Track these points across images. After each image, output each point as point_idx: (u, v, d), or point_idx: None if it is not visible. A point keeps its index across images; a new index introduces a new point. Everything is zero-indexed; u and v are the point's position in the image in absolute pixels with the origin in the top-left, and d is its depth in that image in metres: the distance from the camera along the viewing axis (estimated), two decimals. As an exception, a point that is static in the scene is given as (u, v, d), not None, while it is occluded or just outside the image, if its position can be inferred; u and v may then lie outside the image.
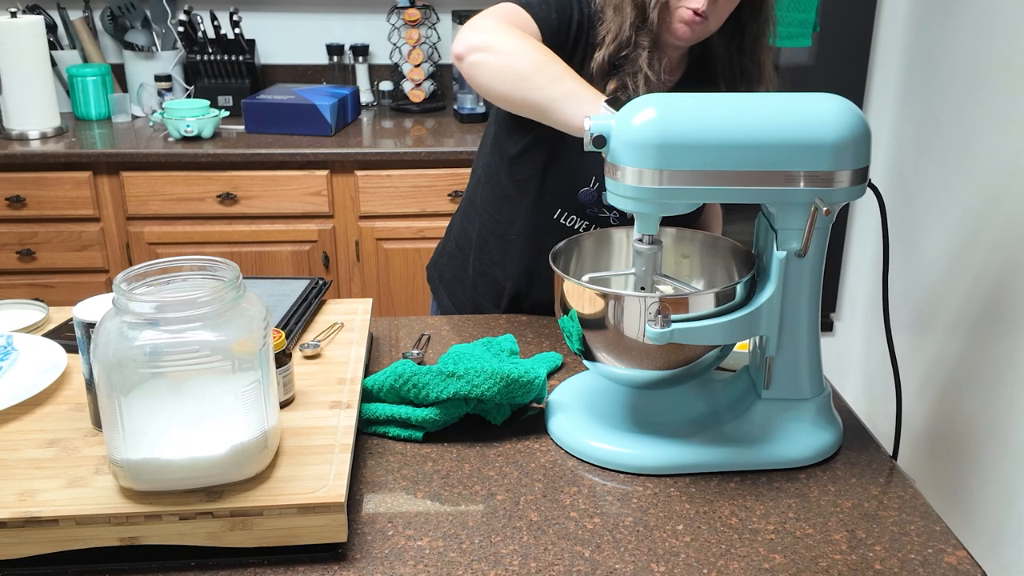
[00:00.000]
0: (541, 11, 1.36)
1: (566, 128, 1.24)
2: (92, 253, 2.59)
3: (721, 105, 1.05)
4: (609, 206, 1.45)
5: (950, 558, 0.98)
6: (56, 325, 1.36)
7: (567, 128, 1.24)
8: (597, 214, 1.47)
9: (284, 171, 2.55)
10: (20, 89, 2.61)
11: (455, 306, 1.66)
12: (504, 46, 1.28)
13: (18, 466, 1.00)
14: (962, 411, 2.37)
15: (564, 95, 1.23)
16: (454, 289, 1.66)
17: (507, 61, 1.27)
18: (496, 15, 1.34)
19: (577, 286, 1.11)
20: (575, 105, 1.22)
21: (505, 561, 0.96)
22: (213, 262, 0.98)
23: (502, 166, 1.52)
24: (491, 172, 1.56)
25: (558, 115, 1.24)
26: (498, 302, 1.61)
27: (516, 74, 1.26)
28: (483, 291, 1.62)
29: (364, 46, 2.98)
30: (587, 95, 1.22)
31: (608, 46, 1.37)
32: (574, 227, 1.50)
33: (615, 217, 1.48)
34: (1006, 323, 2.17)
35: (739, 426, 1.15)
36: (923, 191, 2.63)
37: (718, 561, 0.97)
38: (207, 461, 0.94)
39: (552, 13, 1.37)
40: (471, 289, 1.63)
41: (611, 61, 1.38)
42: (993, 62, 2.28)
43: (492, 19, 1.32)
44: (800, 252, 1.08)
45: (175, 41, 2.92)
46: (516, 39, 1.27)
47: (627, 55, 1.37)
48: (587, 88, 1.23)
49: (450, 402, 1.17)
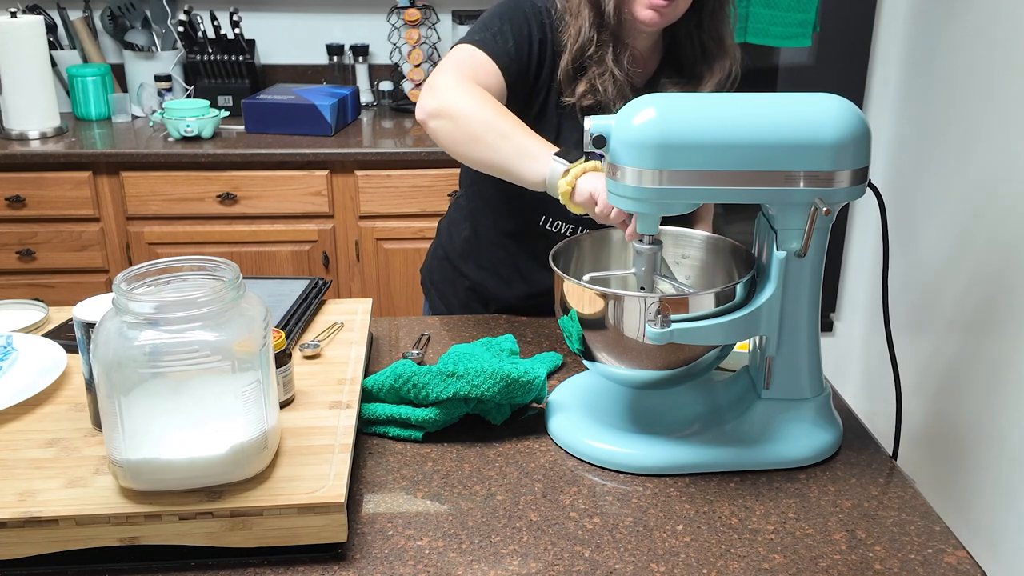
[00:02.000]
0: (497, 44, 1.36)
1: (523, 183, 1.26)
2: (92, 253, 2.59)
3: (721, 105, 1.05)
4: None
5: (950, 558, 0.98)
6: (56, 325, 1.36)
7: (524, 184, 1.26)
8: (582, 217, 1.48)
9: (284, 171, 2.55)
10: (20, 89, 2.61)
11: (447, 309, 1.67)
12: (456, 109, 1.29)
13: (18, 466, 1.00)
14: (962, 411, 2.37)
15: (515, 152, 1.26)
16: (445, 292, 1.68)
17: (460, 125, 1.29)
18: (453, 67, 1.34)
19: (577, 286, 1.11)
20: (527, 161, 1.25)
21: (505, 561, 0.96)
22: (213, 262, 0.98)
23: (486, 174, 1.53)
24: (475, 179, 1.57)
25: (513, 173, 1.27)
26: (487, 305, 1.63)
27: (469, 137, 1.29)
28: (472, 295, 1.64)
29: (364, 46, 2.98)
30: (536, 149, 1.24)
31: (571, 50, 1.39)
32: (560, 232, 1.51)
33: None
34: (1006, 323, 2.17)
35: (739, 426, 1.15)
36: (923, 191, 2.63)
37: (718, 561, 0.97)
38: (207, 461, 0.94)
39: (508, 40, 1.38)
40: (462, 293, 1.64)
41: (575, 64, 1.40)
42: (993, 62, 2.28)
43: (449, 75, 1.33)
44: (800, 252, 1.08)
45: (175, 41, 2.92)
46: (468, 98, 1.29)
47: (591, 55, 1.39)
48: (536, 142, 1.25)
49: (450, 402, 1.17)
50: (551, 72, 1.42)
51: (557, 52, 1.41)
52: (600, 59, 1.39)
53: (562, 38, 1.41)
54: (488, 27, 1.39)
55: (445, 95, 1.30)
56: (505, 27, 1.38)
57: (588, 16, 1.38)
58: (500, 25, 1.39)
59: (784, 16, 2.63)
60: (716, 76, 1.43)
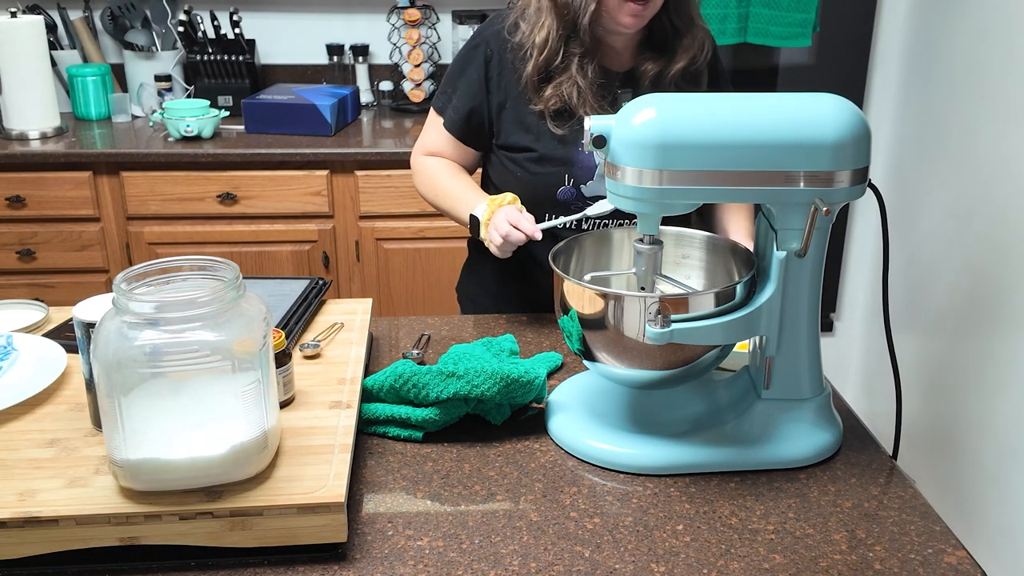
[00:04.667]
0: (441, 100, 1.58)
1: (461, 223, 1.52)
2: (92, 253, 2.59)
3: (721, 105, 1.05)
4: (593, 196, 1.52)
5: (950, 558, 0.98)
6: (56, 325, 1.36)
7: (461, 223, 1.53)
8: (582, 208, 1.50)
9: (284, 171, 2.55)
10: (20, 89, 2.61)
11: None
12: (415, 178, 1.65)
13: (18, 466, 1.00)
14: (962, 411, 2.37)
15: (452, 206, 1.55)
16: (478, 302, 1.72)
17: (421, 190, 1.64)
18: (419, 140, 1.64)
19: (577, 286, 1.11)
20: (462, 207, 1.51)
21: (505, 561, 0.96)
22: (213, 262, 0.98)
23: (488, 182, 1.66)
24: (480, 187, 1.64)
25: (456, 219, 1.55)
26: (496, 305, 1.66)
27: (424, 196, 1.64)
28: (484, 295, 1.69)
29: (364, 46, 2.97)
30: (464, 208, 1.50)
31: (535, 60, 1.46)
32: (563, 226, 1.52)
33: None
34: (1006, 322, 2.17)
35: (739, 426, 1.15)
36: (923, 191, 2.63)
37: (718, 561, 0.97)
38: (207, 461, 0.94)
39: (460, 108, 1.55)
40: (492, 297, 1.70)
41: (540, 73, 1.47)
42: (993, 62, 2.28)
43: (416, 146, 1.64)
44: (800, 252, 1.08)
45: (175, 41, 2.92)
46: (417, 169, 1.64)
47: (557, 66, 1.46)
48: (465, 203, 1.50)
49: (450, 402, 1.17)
50: (508, 84, 1.51)
51: (518, 62, 1.49)
52: (565, 68, 1.46)
53: (518, 44, 1.48)
54: (446, 88, 1.58)
55: (412, 163, 1.66)
56: (460, 87, 1.54)
57: (555, 28, 1.44)
58: (455, 85, 1.55)
59: (784, 16, 2.63)
60: (690, 50, 1.50)
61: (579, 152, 1.49)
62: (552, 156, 1.50)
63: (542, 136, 1.50)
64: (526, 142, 1.52)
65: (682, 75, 1.50)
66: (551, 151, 1.50)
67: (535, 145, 1.51)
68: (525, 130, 1.52)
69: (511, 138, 1.54)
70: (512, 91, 1.51)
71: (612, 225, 1.49)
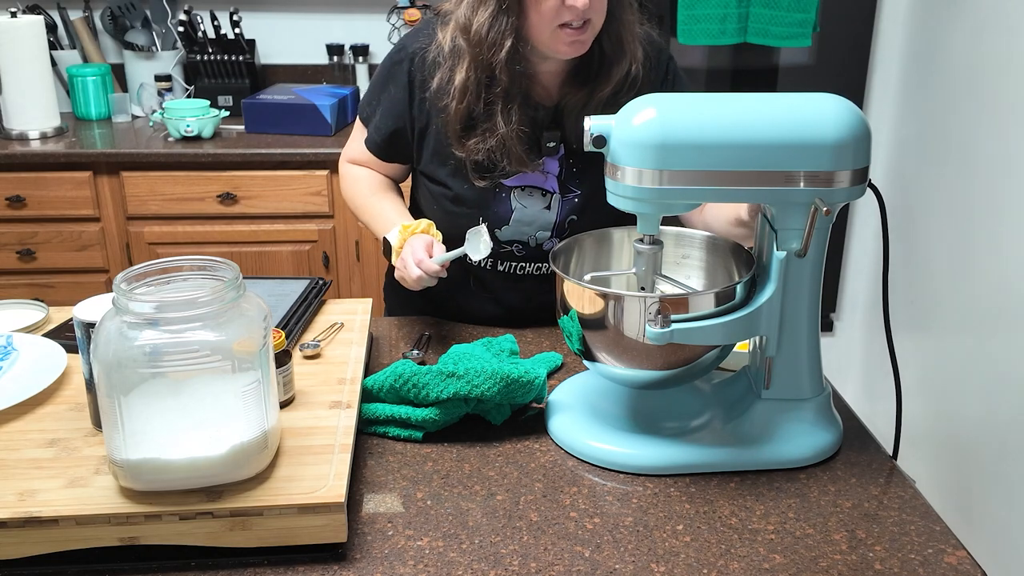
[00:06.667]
0: (366, 111, 1.54)
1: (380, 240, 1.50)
2: (92, 253, 2.59)
3: (721, 105, 1.05)
4: (508, 240, 1.48)
5: (950, 558, 0.98)
6: (56, 325, 1.36)
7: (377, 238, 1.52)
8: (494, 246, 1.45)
9: (284, 171, 2.55)
10: (20, 89, 2.61)
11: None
12: (340, 179, 1.65)
13: (18, 466, 1.00)
14: (962, 411, 2.37)
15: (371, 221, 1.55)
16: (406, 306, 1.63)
17: (341, 190, 1.64)
18: (345, 149, 1.64)
19: (577, 286, 1.11)
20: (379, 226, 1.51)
21: (505, 561, 0.96)
22: (213, 262, 0.98)
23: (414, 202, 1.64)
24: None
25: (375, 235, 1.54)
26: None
27: (348, 205, 1.64)
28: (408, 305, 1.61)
29: (364, 46, 2.97)
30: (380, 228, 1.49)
31: (456, 110, 1.39)
32: None
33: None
34: (1006, 322, 2.17)
35: (739, 426, 1.15)
36: (923, 191, 2.63)
37: (718, 561, 0.97)
38: (207, 461, 0.94)
39: (381, 126, 1.51)
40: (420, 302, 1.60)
41: (462, 122, 1.40)
42: (992, 62, 2.28)
43: (343, 155, 1.64)
44: (800, 252, 1.08)
45: (175, 41, 2.92)
46: (342, 175, 1.64)
47: (480, 112, 1.38)
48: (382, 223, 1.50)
49: (450, 402, 1.17)
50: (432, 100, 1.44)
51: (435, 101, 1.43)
52: (489, 116, 1.39)
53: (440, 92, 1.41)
54: (371, 98, 1.53)
55: (340, 169, 1.66)
56: (384, 103, 1.49)
57: (472, 72, 1.36)
58: (380, 99, 1.51)
59: (784, 16, 2.63)
60: (614, 78, 1.40)
61: (495, 198, 1.45)
62: (467, 198, 1.45)
63: (458, 174, 1.45)
64: (442, 176, 1.47)
65: (607, 102, 1.39)
66: (466, 193, 1.45)
67: (451, 183, 1.46)
68: (442, 163, 1.46)
69: (429, 167, 1.49)
70: (434, 118, 1.44)
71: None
